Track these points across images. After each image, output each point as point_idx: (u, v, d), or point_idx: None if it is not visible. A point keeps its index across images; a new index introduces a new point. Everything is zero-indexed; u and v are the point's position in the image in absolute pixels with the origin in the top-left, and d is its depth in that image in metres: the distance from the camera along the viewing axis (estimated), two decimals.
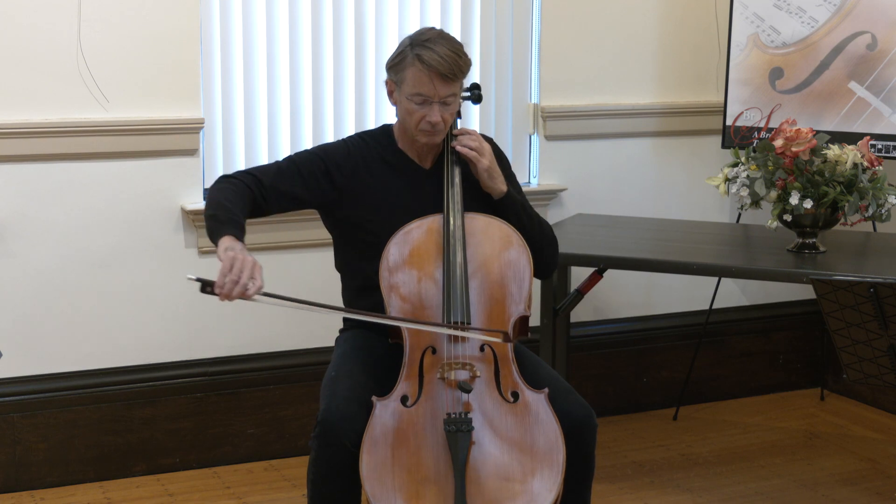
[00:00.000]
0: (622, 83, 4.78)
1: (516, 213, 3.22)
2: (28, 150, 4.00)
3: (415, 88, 3.11)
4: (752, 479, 4.28)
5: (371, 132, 3.36)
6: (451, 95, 3.13)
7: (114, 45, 4.05)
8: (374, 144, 3.28)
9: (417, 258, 3.08)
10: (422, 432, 2.90)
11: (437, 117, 3.12)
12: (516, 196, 3.25)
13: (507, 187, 3.22)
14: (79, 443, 4.18)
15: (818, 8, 4.47)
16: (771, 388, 5.18)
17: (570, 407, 3.02)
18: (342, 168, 3.22)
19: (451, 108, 3.14)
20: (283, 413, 4.42)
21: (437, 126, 3.14)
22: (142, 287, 4.20)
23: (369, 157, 3.25)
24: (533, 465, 2.87)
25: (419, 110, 3.13)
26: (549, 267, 3.33)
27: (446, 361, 2.99)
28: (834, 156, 3.76)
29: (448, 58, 3.08)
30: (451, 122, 3.18)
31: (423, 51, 3.10)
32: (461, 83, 3.17)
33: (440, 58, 3.08)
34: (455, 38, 3.17)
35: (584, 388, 4.73)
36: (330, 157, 3.23)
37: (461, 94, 3.32)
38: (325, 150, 3.27)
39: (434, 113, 3.11)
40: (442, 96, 3.11)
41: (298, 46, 4.31)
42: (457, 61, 3.10)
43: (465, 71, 3.15)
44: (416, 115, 3.14)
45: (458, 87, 3.14)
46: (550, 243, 3.30)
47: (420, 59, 3.09)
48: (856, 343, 2.98)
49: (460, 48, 3.14)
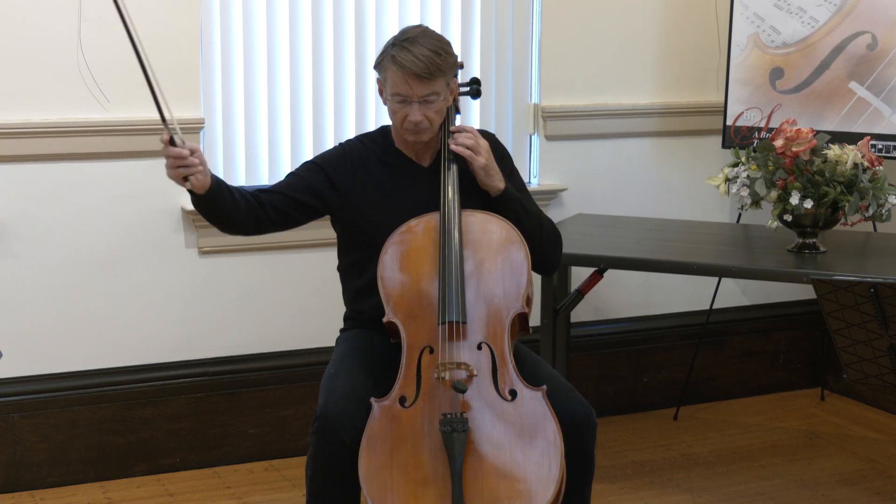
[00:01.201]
0: (622, 83, 4.78)
1: (514, 210, 3.21)
2: (28, 150, 4.00)
3: (393, 88, 3.13)
4: (753, 479, 4.27)
5: (369, 134, 3.37)
6: (432, 94, 3.12)
7: (114, 45, 4.04)
8: (372, 145, 3.29)
9: (415, 257, 3.08)
10: (420, 433, 2.90)
11: (417, 116, 3.12)
12: (515, 193, 3.24)
13: (504, 184, 3.21)
14: (79, 443, 4.18)
15: (818, 8, 4.47)
16: (771, 388, 5.18)
17: (569, 406, 3.02)
18: (341, 172, 3.23)
19: (434, 106, 3.13)
20: (283, 413, 4.42)
21: (420, 125, 3.13)
22: (142, 287, 4.20)
23: (367, 158, 3.26)
24: (531, 463, 2.86)
25: (401, 109, 3.14)
26: (549, 264, 3.32)
27: (442, 361, 2.98)
28: (834, 156, 3.76)
29: (424, 58, 3.07)
30: (437, 120, 3.17)
31: (398, 52, 3.10)
32: (445, 81, 3.14)
33: (415, 58, 3.07)
34: (438, 36, 3.15)
35: (585, 387, 4.73)
36: (328, 163, 3.26)
37: (459, 90, 3.32)
38: (323, 158, 3.30)
39: (414, 112, 3.12)
40: (420, 96, 3.11)
41: (299, 46, 4.31)
42: (434, 60, 3.08)
43: (446, 70, 3.13)
44: (399, 115, 3.15)
45: (439, 85, 3.12)
46: (552, 241, 3.29)
47: (394, 60, 3.10)
48: (856, 343, 2.98)
49: (441, 46, 3.12)
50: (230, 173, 4.28)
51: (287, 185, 3.24)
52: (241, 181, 4.30)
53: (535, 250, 3.21)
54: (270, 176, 4.32)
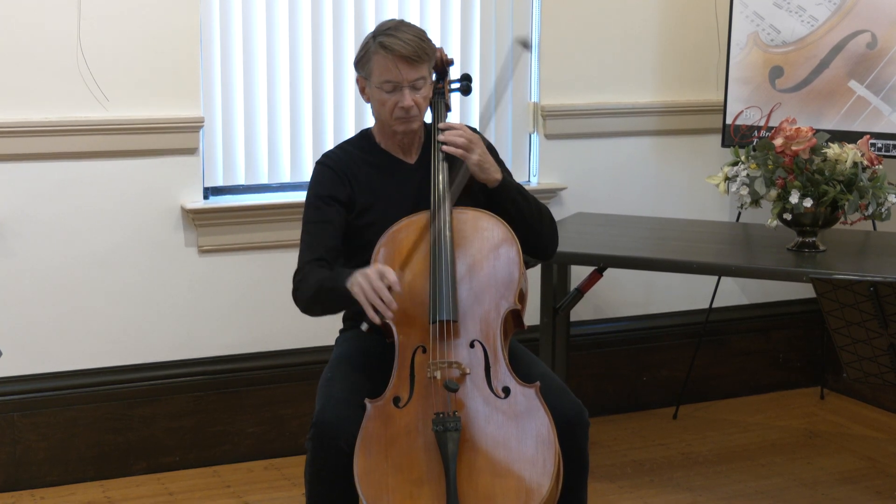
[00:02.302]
0: (622, 82, 4.78)
1: (513, 198, 3.21)
2: (28, 149, 4.00)
3: (382, 76, 3.12)
4: (752, 478, 4.27)
5: (349, 140, 3.35)
6: (420, 79, 3.13)
7: (114, 44, 4.05)
8: (355, 150, 3.28)
9: (406, 257, 3.07)
10: (414, 433, 2.89)
11: (408, 101, 3.12)
12: (512, 180, 3.24)
13: (501, 175, 3.20)
14: (79, 442, 4.18)
15: (818, 7, 4.47)
16: (771, 386, 5.17)
17: (562, 405, 3.01)
18: (337, 186, 3.20)
19: (422, 92, 3.14)
20: (283, 412, 4.42)
21: (411, 111, 3.13)
22: (142, 286, 4.20)
23: (353, 164, 3.24)
24: (526, 459, 2.86)
25: (391, 98, 3.13)
26: (551, 246, 3.31)
27: (434, 360, 2.97)
28: (834, 154, 3.76)
29: (411, 42, 3.09)
30: (425, 106, 3.18)
31: (384, 38, 3.11)
32: (429, 67, 3.16)
33: (403, 42, 3.09)
34: (416, 25, 3.18)
35: (584, 386, 4.73)
36: (323, 187, 3.21)
37: (451, 86, 3.32)
38: (318, 185, 3.23)
39: (405, 98, 3.12)
40: (410, 80, 3.11)
41: (298, 45, 4.31)
42: (420, 44, 3.11)
43: (431, 55, 3.15)
44: (389, 104, 3.14)
45: (425, 70, 3.14)
46: (549, 222, 3.29)
47: (383, 45, 3.10)
48: (856, 342, 2.98)
49: (422, 33, 3.15)
50: (230, 173, 4.29)
51: (327, 237, 3.16)
52: (240, 180, 4.31)
53: (536, 234, 3.22)
54: (270, 175, 4.33)
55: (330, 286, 3.04)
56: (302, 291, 3.12)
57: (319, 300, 3.09)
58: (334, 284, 3.02)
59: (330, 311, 3.18)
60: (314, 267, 3.11)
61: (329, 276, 3.06)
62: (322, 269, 3.10)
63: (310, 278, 3.10)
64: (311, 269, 3.11)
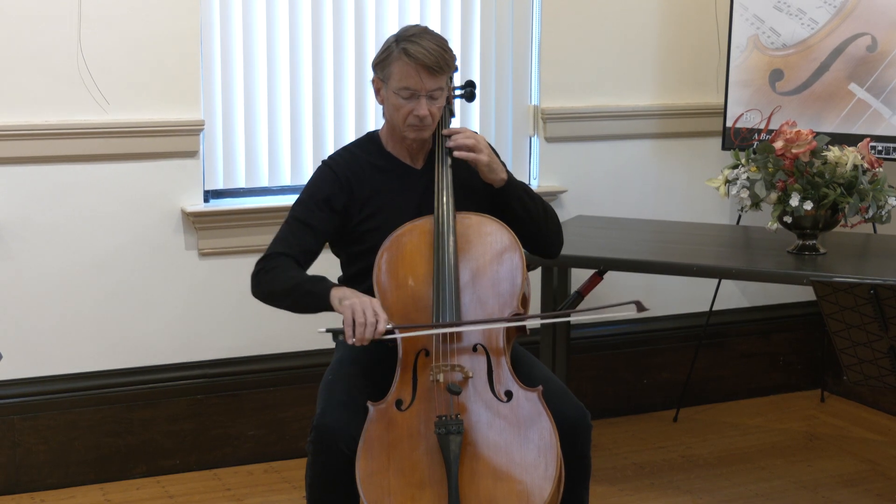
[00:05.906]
0: (622, 85, 4.78)
1: (519, 196, 3.22)
2: (28, 152, 4.00)
3: (402, 82, 3.11)
4: (753, 481, 4.27)
5: (356, 142, 3.34)
6: (438, 89, 3.13)
7: (114, 47, 4.05)
8: (362, 153, 3.27)
9: (410, 261, 3.07)
10: (416, 436, 2.89)
11: (424, 111, 3.11)
12: (517, 180, 3.25)
13: (507, 174, 3.21)
14: (79, 444, 4.18)
15: (818, 9, 4.47)
16: (771, 389, 5.18)
17: (564, 408, 3.02)
18: (335, 193, 3.20)
19: (437, 102, 3.14)
20: (283, 415, 4.42)
21: (425, 120, 3.13)
22: (142, 289, 4.20)
23: (358, 167, 3.23)
24: (528, 463, 2.86)
25: (407, 105, 3.12)
26: (557, 244, 3.33)
27: (437, 364, 2.98)
28: (834, 157, 3.76)
29: (434, 51, 3.09)
30: (438, 116, 3.18)
31: (408, 45, 3.10)
32: (447, 78, 3.17)
33: (426, 51, 3.08)
34: (439, 34, 3.17)
35: (584, 389, 4.73)
36: (320, 190, 3.21)
37: (454, 92, 3.32)
38: (315, 186, 3.23)
39: (421, 107, 3.11)
40: (429, 89, 3.11)
41: (298, 48, 4.31)
42: (442, 55, 3.10)
43: (451, 65, 3.15)
44: (404, 110, 3.13)
45: (444, 80, 3.14)
46: (554, 221, 3.31)
47: (406, 52, 3.09)
48: (856, 345, 2.98)
49: (445, 43, 3.15)
50: (230, 176, 4.29)
51: (305, 238, 3.17)
52: (241, 183, 4.31)
53: (543, 232, 3.24)
54: (270, 179, 4.33)
55: (308, 288, 3.04)
56: (270, 277, 3.11)
57: (290, 295, 3.08)
58: (314, 288, 3.03)
59: (290, 310, 3.16)
60: (289, 262, 3.12)
61: (310, 279, 3.07)
62: (298, 268, 3.11)
63: (287, 271, 3.10)
64: (286, 262, 3.12)
